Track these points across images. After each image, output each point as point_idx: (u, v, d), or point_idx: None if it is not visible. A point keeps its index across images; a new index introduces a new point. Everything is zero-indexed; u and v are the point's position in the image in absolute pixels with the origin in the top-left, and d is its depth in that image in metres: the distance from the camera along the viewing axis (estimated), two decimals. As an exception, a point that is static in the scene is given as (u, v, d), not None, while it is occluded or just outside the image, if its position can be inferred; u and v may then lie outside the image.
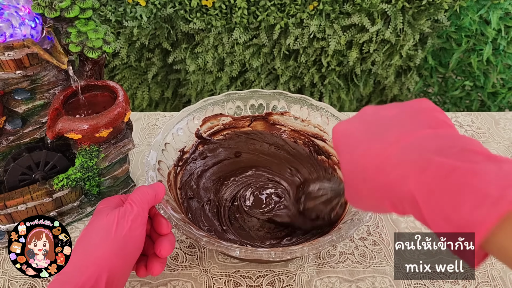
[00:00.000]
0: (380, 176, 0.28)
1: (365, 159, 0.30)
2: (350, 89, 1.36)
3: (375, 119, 0.32)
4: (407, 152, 0.27)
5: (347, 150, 0.32)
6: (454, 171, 0.25)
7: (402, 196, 0.27)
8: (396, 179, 0.27)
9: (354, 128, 0.33)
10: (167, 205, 0.47)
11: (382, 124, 0.31)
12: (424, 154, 0.26)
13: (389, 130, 0.30)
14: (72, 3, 0.46)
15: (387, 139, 0.29)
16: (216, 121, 0.62)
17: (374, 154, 0.29)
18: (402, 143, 0.28)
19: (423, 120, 0.30)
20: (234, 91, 0.62)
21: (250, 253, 0.43)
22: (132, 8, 1.15)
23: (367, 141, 0.30)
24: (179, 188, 0.56)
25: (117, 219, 0.40)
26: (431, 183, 0.25)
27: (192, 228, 0.45)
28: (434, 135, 0.28)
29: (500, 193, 0.22)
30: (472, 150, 0.26)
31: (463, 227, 0.23)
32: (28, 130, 0.51)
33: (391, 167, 0.28)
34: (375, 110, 0.34)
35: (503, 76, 1.29)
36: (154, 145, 0.54)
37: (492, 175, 0.24)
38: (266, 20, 1.15)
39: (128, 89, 1.38)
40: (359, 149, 0.30)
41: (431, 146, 0.27)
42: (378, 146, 0.29)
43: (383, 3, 1.11)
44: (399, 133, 0.29)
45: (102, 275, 0.37)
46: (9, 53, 0.44)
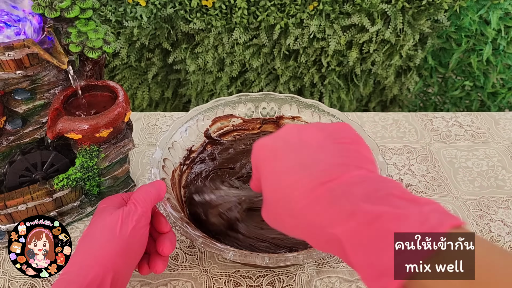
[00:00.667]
0: (308, 215, 0.29)
1: (293, 193, 0.30)
2: (350, 89, 1.36)
3: (299, 143, 0.33)
4: (336, 196, 0.28)
5: (272, 173, 0.32)
6: (378, 218, 0.26)
7: (329, 238, 0.28)
8: (324, 222, 0.28)
9: (278, 148, 0.33)
10: (167, 203, 0.47)
11: (308, 153, 0.31)
12: (352, 200, 0.27)
13: (317, 163, 0.30)
14: (72, 3, 0.46)
15: (316, 175, 0.30)
16: (226, 122, 0.62)
17: (304, 191, 0.29)
18: (331, 185, 0.29)
19: (349, 156, 0.31)
20: (246, 93, 0.62)
21: (244, 257, 0.43)
22: (132, 8, 1.15)
23: (295, 172, 0.31)
24: (184, 187, 0.56)
25: (121, 218, 0.40)
26: (357, 230, 0.26)
27: (188, 227, 0.45)
28: (360, 179, 0.29)
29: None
30: (395, 195, 0.27)
31: (387, 272, 0.25)
32: (28, 130, 0.51)
33: (320, 209, 0.29)
34: (299, 132, 0.34)
35: (503, 76, 1.30)
36: (161, 142, 0.54)
37: (413, 220, 0.25)
38: (266, 20, 1.15)
39: (128, 89, 1.38)
40: (287, 179, 0.31)
41: (358, 191, 0.28)
42: (307, 181, 0.30)
43: (383, 3, 1.11)
44: (327, 170, 0.30)
45: (108, 275, 0.37)
46: (9, 53, 0.44)
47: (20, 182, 0.52)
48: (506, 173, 0.67)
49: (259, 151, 0.35)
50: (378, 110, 1.49)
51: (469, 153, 0.70)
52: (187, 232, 0.44)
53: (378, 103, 1.48)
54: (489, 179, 0.66)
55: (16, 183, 0.52)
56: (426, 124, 0.76)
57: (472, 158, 0.69)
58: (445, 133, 0.74)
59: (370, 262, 0.26)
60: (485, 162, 0.69)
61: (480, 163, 0.68)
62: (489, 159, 0.69)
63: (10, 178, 0.51)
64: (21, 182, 0.52)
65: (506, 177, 0.66)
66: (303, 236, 0.31)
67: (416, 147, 0.71)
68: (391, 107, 1.49)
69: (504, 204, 0.62)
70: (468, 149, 0.71)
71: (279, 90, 1.33)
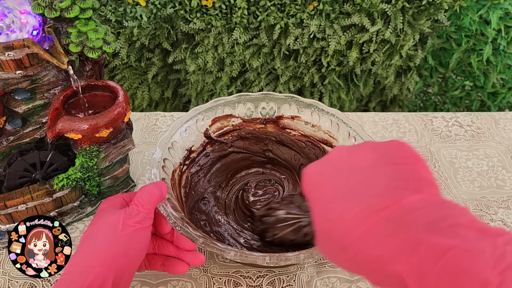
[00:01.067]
0: (362, 249, 0.26)
1: (343, 223, 0.27)
2: (350, 89, 1.36)
3: (350, 166, 0.30)
4: (394, 226, 0.25)
5: (321, 202, 0.29)
6: (447, 252, 0.23)
7: (388, 275, 0.25)
8: (382, 257, 0.25)
9: (327, 174, 0.30)
10: (167, 203, 0.47)
11: (359, 178, 0.28)
12: (413, 230, 0.24)
13: (369, 188, 0.27)
14: (72, 3, 0.46)
15: (368, 203, 0.26)
16: (226, 122, 0.62)
17: (355, 221, 0.26)
18: (386, 213, 0.25)
19: (405, 177, 0.27)
20: (245, 93, 0.62)
21: (245, 257, 0.43)
22: (132, 8, 1.15)
23: (345, 198, 0.27)
24: (183, 187, 0.56)
25: (122, 219, 0.40)
26: (423, 266, 0.23)
27: (189, 227, 0.45)
28: (421, 205, 0.25)
29: (500, 280, 0.21)
30: (463, 225, 0.24)
31: None
32: (28, 130, 0.51)
33: (376, 242, 0.25)
34: (349, 154, 0.31)
35: (503, 76, 1.29)
36: (161, 143, 0.54)
37: (488, 255, 0.22)
38: (266, 20, 1.15)
39: (128, 89, 1.38)
40: (336, 207, 0.27)
41: (419, 220, 0.25)
42: (358, 211, 0.26)
43: (383, 3, 1.11)
44: (381, 196, 0.26)
45: (109, 275, 0.37)
46: (9, 53, 0.44)
47: (20, 183, 0.52)
48: (506, 173, 0.67)
49: (308, 178, 0.31)
50: (378, 110, 1.49)
51: (469, 153, 0.70)
52: (188, 232, 0.44)
53: (378, 103, 1.48)
54: (489, 179, 0.66)
55: (16, 184, 0.52)
56: (426, 124, 0.76)
57: (472, 158, 0.69)
58: (445, 133, 0.74)
59: None
60: (485, 162, 0.69)
61: (480, 163, 0.68)
62: (489, 159, 0.69)
63: (9, 179, 0.51)
64: (20, 183, 0.52)
65: (506, 177, 0.66)
66: (359, 272, 0.28)
67: (416, 147, 0.71)
68: (391, 107, 1.49)
69: (504, 204, 0.62)
70: (468, 149, 0.71)
71: (279, 90, 1.33)
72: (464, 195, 0.63)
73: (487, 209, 0.61)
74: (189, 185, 0.58)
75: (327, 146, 0.60)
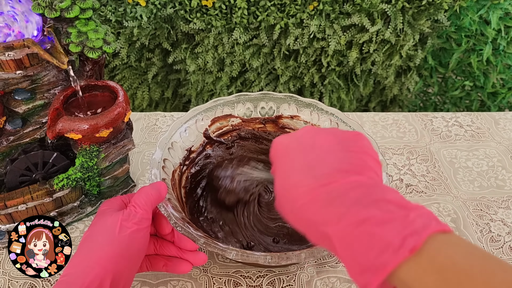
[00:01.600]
0: (305, 213, 0.32)
1: (295, 191, 0.33)
2: (350, 89, 1.36)
3: (312, 145, 0.35)
4: (332, 198, 0.31)
5: (281, 170, 0.35)
6: (366, 220, 0.28)
7: (322, 236, 0.31)
8: (318, 221, 0.31)
9: (292, 148, 0.36)
10: (168, 204, 0.47)
11: (316, 156, 0.34)
12: (345, 203, 0.30)
13: (321, 167, 0.33)
14: (72, 3, 0.46)
15: (318, 177, 0.32)
16: (225, 122, 0.62)
17: (304, 191, 0.32)
18: (329, 187, 0.31)
19: (352, 163, 0.33)
20: (244, 93, 0.62)
21: (246, 256, 0.43)
22: (132, 8, 1.15)
23: (300, 171, 0.33)
24: (184, 187, 0.56)
25: (120, 221, 0.40)
26: (346, 230, 0.29)
27: (190, 228, 0.45)
28: (357, 184, 0.31)
29: (400, 242, 0.27)
30: (386, 200, 0.29)
31: (369, 269, 0.28)
32: (28, 130, 0.51)
33: (316, 209, 0.31)
34: (314, 135, 0.36)
35: (503, 76, 1.30)
36: (161, 143, 0.54)
37: (397, 223, 0.28)
38: (266, 20, 1.15)
39: (128, 89, 1.38)
40: (293, 177, 0.34)
41: (352, 195, 0.30)
42: (309, 182, 0.32)
43: (383, 3, 1.11)
44: (329, 174, 0.32)
45: (107, 276, 0.37)
46: (9, 53, 0.44)
47: (20, 181, 0.52)
48: (506, 173, 0.67)
49: (276, 147, 0.38)
50: (378, 110, 1.49)
51: (469, 153, 0.70)
52: (189, 232, 0.44)
53: (378, 103, 1.48)
54: (489, 179, 0.66)
55: (16, 182, 0.52)
56: (426, 124, 0.76)
57: (472, 158, 0.69)
58: (445, 133, 0.74)
59: (355, 260, 0.29)
60: (485, 162, 0.69)
61: (480, 163, 0.68)
62: (489, 159, 0.69)
63: (10, 176, 0.51)
64: (21, 181, 0.52)
65: (506, 177, 0.66)
66: (301, 230, 0.34)
67: (416, 147, 0.71)
68: (391, 107, 1.49)
69: (504, 204, 0.62)
70: (468, 149, 0.71)
71: (279, 90, 1.33)
72: (464, 195, 0.63)
73: (487, 209, 0.61)
74: (189, 185, 0.58)
75: None
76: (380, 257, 0.27)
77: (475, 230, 0.58)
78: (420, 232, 0.27)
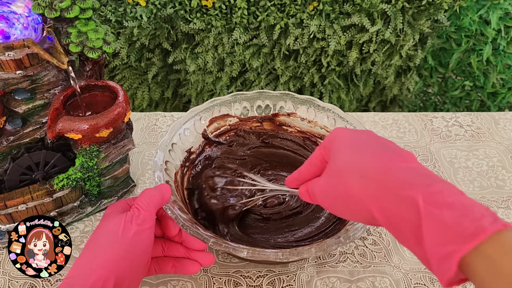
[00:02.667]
0: (356, 191, 0.34)
1: (367, 165, 0.34)
2: (350, 89, 1.36)
3: (376, 139, 0.38)
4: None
5: (343, 154, 0.36)
6: (457, 194, 0.30)
7: (365, 212, 0.33)
8: (365, 199, 0.33)
9: (357, 135, 0.38)
10: (174, 206, 0.47)
11: (368, 148, 0.37)
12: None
13: (375, 156, 0.35)
14: (72, 3, 0.46)
15: (374, 164, 0.34)
16: (223, 122, 0.62)
17: (380, 165, 0.34)
18: (382, 175, 0.33)
19: (398, 154, 0.35)
20: (241, 92, 0.62)
21: (257, 254, 0.43)
22: (132, 8, 1.15)
23: (374, 151, 0.36)
24: (186, 189, 0.56)
25: (123, 223, 0.41)
26: (437, 197, 0.30)
27: (199, 228, 0.45)
28: (406, 167, 0.34)
29: (493, 218, 0.27)
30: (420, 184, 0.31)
31: (459, 237, 0.27)
32: (28, 130, 0.51)
33: (398, 175, 0.33)
34: (377, 137, 0.39)
35: (503, 76, 1.30)
36: (161, 145, 0.54)
37: (482, 206, 0.29)
38: (266, 20, 1.15)
39: (128, 89, 1.38)
40: (364, 155, 0.35)
41: (399, 178, 0.32)
42: (383, 159, 0.34)
43: (383, 3, 1.11)
44: (382, 161, 0.34)
45: (110, 278, 0.38)
46: (9, 53, 0.44)
47: (20, 180, 0.52)
48: (506, 173, 0.67)
49: (338, 134, 0.39)
50: (378, 110, 1.49)
51: (469, 153, 0.70)
52: (198, 233, 0.44)
53: (378, 103, 1.48)
54: (489, 179, 0.66)
55: (16, 181, 0.52)
56: (426, 124, 0.76)
57: (472, 158, 0.69)
58: (445, 133, 0.74)
59: (442, 227, 0.28)
60: (485, 162, 0.69)
61: (480, 163, 0.68)
62: (489, 159, 0.69)
63: (11, 174, 0.51)
64: (20, 180, 0.52)
65: (506, 177, 0.66)
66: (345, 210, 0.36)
67: (416, 147, 0.71)
68: (391, 107, 1.49)
69: (504, 204, 0.62)
70: (468, 149, 0.71)
71: (279, 90, 1.33)
72: (464, 195, 0.63)
73: (487, 209, 0.61)
74: (191, 187, 0.58)
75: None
76: (476, 223, 0.27)
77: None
78: (501, 220, 0.27)
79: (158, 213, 0.47)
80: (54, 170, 0.54)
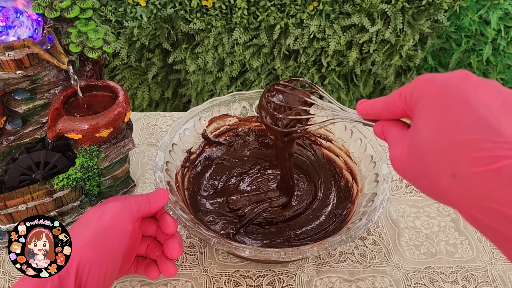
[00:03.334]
0: (475, 185, 0.26)
1: (462, 153, 0.26)
2: (350, 89, 1.36)
3: (476, 100, 0.28)
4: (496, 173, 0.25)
5: (439, 121, 0.28)
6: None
7: (500, 216, 0.25)
8: (497, 200, 0.25)
9: (452, 95, 0.28)
10: (176, 206, 0.47)
11: (490, 115, 0.27)
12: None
13: (502, 131, 0.26)
14: (72, 3, 0.46)
15: (500, 147, 0.26)
16: (222, 122, 0.62)
17: (479, 158, 0.26)
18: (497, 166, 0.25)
19: None
20: (240, 92, 0.62)
21: (260, 253, 0.43)
22: (132, 8, 1.15)
23: (472, 130, 0.26)
24: (187, 189, 0.56)
25: (101, 211, 0.41)
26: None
27: (201, 228, 0.45)
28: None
29: None
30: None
31: None
32: (29, 130, 0.51)
33: (495, 186, 0.25)
34: (476, 85, 0.29)
35: (503, 76, 1.30)
36: (162, 146, 0.54)
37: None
38: (266, 20, 1.15)
39: (128, 89, 1.38)
40: (459, 135, 0.27)
41: None
42: (488, 148, 0.26)
43: (383, 3, 1.11)
44: (494, 150, 0.26)
45: (74, 259, 0.39)
46: (9, 53, 0.44)
47: (20, 180, 0.52)
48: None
49: (428, 86, 0.29)
50: (378, 110, 1.49)
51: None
52: (201, 233, 0.44)
53: (378, 103, 1.48)
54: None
55: (16, 181, 0.52)
56: (426, 124, 0.76)
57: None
58: (445, 133, 0.74)
59: None
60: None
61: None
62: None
63: (11, 174, 0.51)
64: (20, 180, 0.52)
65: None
66: (450, 197, 0.28)
67: (416, 147, 0.71)
68: (391, 107, 1.49)
69: None
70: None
71: (279, 90, 1.33)
72: (464, 195, 0.63)
73: (487, 209, 0.61)
74: (191, 187, 0.58)
75: (323, 140, 0.61)
76: None
77: (475, 230, 0.58)
78: None
79: (157, 213, 0.47)
80: (54, 170, 0.54)
